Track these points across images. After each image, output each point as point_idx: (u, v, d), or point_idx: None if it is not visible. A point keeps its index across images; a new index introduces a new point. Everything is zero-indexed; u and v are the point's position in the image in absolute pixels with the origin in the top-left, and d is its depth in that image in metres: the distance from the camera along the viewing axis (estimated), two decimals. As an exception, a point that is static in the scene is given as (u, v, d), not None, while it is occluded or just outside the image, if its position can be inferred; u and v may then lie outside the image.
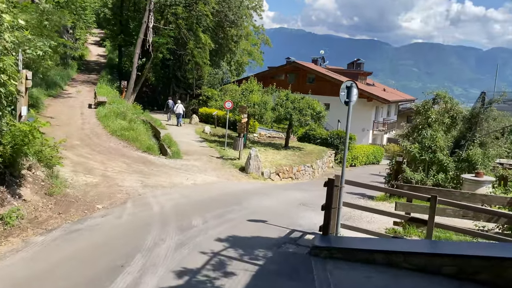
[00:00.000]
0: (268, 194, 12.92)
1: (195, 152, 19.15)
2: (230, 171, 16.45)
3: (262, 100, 21.32)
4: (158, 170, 14.59)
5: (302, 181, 18.78)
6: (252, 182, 15.66)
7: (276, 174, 17.22)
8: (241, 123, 17.91)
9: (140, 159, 15.81)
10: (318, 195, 14.46)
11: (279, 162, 18.61)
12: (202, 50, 31.61)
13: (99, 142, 17.13)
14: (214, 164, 17.14)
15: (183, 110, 27.70)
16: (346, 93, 8.10)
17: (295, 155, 21.40)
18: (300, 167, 18.86)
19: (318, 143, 26.68)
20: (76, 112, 22.25)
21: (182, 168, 15.71)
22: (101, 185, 11.44)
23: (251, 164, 16.36)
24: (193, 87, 33.01)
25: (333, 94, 35.12)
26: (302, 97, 23.28)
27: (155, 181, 13.02)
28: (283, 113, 22.30)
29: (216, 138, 24.04)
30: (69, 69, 33.82)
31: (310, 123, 22.34)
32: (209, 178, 14.77)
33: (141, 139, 17.78)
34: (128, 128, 18.72)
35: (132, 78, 28.40)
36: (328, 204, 7.95)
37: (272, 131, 29.38)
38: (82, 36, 42.35)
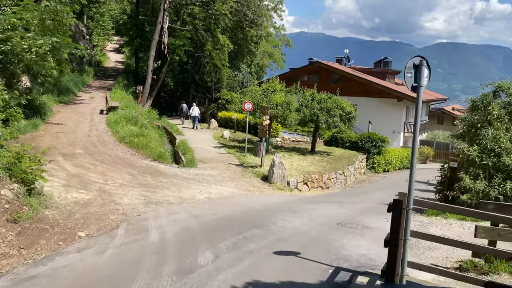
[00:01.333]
0: (297, 211, 10.40)
1: (212, 159, 16.82)
2: (251, 181, 14.01)
3: (286, 100, 18.84)
4: (168, 182, 12.28)
5: (334, 190, 16.15)
6: (277, 194, 13.17)
7: (304, 183, 14.68)
8: (263, 126, 15.47)
9: (148, 169, 13.56)
10: (358, 210, 11.85)
11: (307, 170, 16.05)
12: (221, 52, 29.41)
13: (104, 151, 15.00)
14: (233, 173, 14.74)
15: (199, 112, 25.96)
16: (413, 74, 5.53)
17: (323, 161, 18.79)
18: (330, 175, 16.26)
19: (347, 147, 23.98)
20: (85, 119, 20.31)
21: (196, 178, 13.37)
22: (93, 203, 9.19)
23: (275, 172, 13.88)
24: (212, 90, 30.81)
25: (361, 95, 32.38)
26: (330, 96, 20.69)
27: (162, 196, 10.70)
28: (309, 114, 19.76)
29: (236, 143, 21.68)
30: (85, 76, 32.24)
31: (339, 124, 19.72)
32: (226, 190, 12.37)
33: (151, 146, 15.57)
34: (137, 134, 16.56)
35: (147, 82, 26.40)
36: (395, 236, 5.38)
37: (296, 135, 26.83)
38: (100, 42, 40.99)
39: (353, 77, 33.49)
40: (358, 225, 9.51)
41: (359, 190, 17.19)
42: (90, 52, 37.17)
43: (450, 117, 44.29)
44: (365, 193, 15.97)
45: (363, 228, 9.27)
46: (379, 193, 16.29)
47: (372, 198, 14.77)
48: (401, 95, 32.65)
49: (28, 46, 15.23)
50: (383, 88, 33.05)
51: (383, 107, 32.49)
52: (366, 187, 18.40)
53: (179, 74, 36.50)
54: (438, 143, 35.19)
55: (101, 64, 39.71)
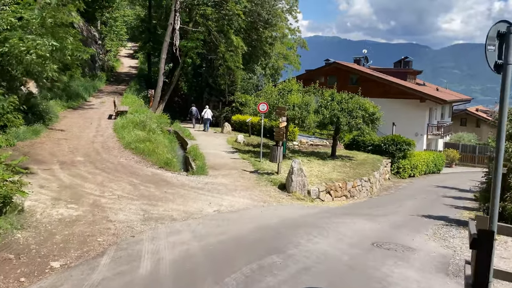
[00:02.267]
0: (322, 227, 8.67)
1: (225, 165, 15.22)
2: (267, 190, 12.33)
3: (303, 101, 17.14)
4: (173, 193, 10.71)
5: (360, 200, 14.32)
6: (296, 205, 11.45)
7: (327, 192, 12.93)
8: (279, 128, 13.80)
9: (153, 177, 12.02)
10: (391, 224, 10.03)
11: (329, 176, 14.29)
12: (234, 54, 27.91)
13: (107, 158, 13.55)
14: (247, 181, 13.09)
15: (211, 115, 24.59)
16: (497, 47, 3.79)
17: (346, 166, 16.98)
18: (355, 182, 14.45)
19: (369, 151, 22.10)
20: (92, 124, 18.98)
21: (205, 188, 11.77)
22: (81, 221, 7.66)
23: (294, 180, 12.17)
24: (226, 93, 29.31)
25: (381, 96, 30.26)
26: (351, 96, 18.91)
27: (164, 210, 9.13)
28: (328, 116, 18.01)
29: (250, 148, 20.05)
30: (97, 81, 31.15)
31: (362, 126, 17.89)
32: (239, 202, 10.73)
33: (158, 152, 14.06)
34: (144, 139, 15.08)
35: (158, 85, 25.05)
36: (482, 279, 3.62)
37: (315, 138, 25.06)
38: (113, 48, 40.06)
39: (372, 77, 31.57)
40: (398, 246, 7.73)
41: (387, 198, 15.33)
42: (103, 57, 36.21)
43: (474, 119, 41.82)
44: (395, 203, 14.11)
45: (404, 250, 7.50)
46: (409, 202, 14.42)
47: (404, 209, 12.92)
48: (424, 96, 30.60)
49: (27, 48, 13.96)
50: (404, 88, 31.02)
51: (404, 108, 30.43)
52: (393, 195, 16.51)
53: (192, 78, 35.21)
54: (464, 146, 32.87)
55: (115, 69, 38.73)
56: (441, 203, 14.87)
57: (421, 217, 11.55)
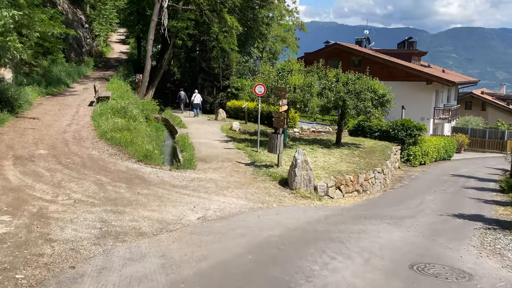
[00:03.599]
0: (340, 241, 6.40)
1: (217, 157, 12.90)
2: (265, 187, 10.03)
3: (306, 82, 14.74)
4: (149, 194, 8.41)
5: (374, 194, 12.02)
6: (302, 206, 9.16)
7: (336, 188, 10.62)
8: (279, 113, 11.42)
9: (127, 174, 9.70)
10: (422, 230, 7.69)
11: (337, 168, 11.97)
12: (229, 35, 25.32)
13: (76, 150, 11.20)
14: (242, 176, 10.78)
15: (201, 100, 22.94)
16: None
17: (354, 155, 14.68)
18: (368, 174, 12.14)
19: (376, 137, 19.76)
20: (69, 112, 16.58)
21: (191, 186, 9.46)
22: (6, 243, 5.37)
23: (298, 175, 9.87)
24: (220, 78, 26.79)
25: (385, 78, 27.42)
26: (358, 77, 16.50)
27: (132, 219, 6.84)
28: (333, 99, 15.62)
29: (247, 136, 17.71)
30: (83, 66, 28.60)
31: (371, 110, 15.54)
32: (232, 204, 8.44)
33: (137, 143, 11.70)
34: (122, 128, 12.72)
35: (146, 69, 22.54)
36: None
37: (316, 125, 22.71)
38: (103, 33, 37.30)
39: (376, 59, 29.04)
40: (446, 269, 5.49)
41: (402, 192, 13.06)
42: (91, 42, 33.56)
43: (479, 102, 39.44)
44: (414, 197, 11.85)
45: (458, 277, 5.24)
46: (430, 197, 12.15)
47: (428, 205, 10.66)
48: (431, 77, 28.15)
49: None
50: (410, 70, 28.55)
51: (409, 91, 27.96)
52: (409, 187, 14.24)
53: (185, 63, 32.68)
54: (473, 130, 30.54)
55: (104, 55, 36.10)
56: (465, 196, 12.63)
57: (452, 217, 9.30)
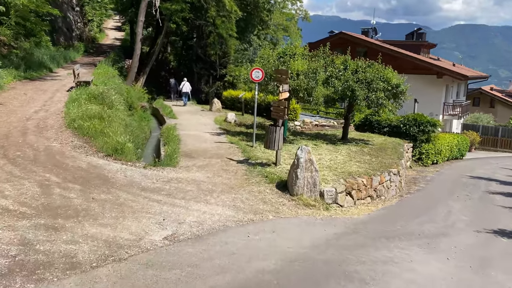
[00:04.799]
0: (361, 279, 4.37)
1: (205, 152, 10.84)
2: (260, 192, 7.97)
3: (310, 68, 12.63)
4: (106, 200, 6.35)
5: (390, 201, 9.93)
6: (305, 217, 7.10)
7: (347, 193, 8.56)
8: (279, 101, 9.31)
9: (87, 172, 7.63)
10: (470, 259, 5.55)
11: (347, 169, 9.89)
12: (227, 20, 23.14)
13: (33, 141, 9.13)
14: (232, 176, 8.72)
15: (190, 88, 21.22)
16: None
17: (363, 153, 12.60)
18: (383, 177, 10.06)
19: (385, 133, 17.68)
20: (42, 97, 14.47)
21: (166, 189, 7.40)
22: None
23: (300, 177, 7.80)
24: (217, 66, 24.58)
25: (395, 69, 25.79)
26: (369, 64, 14.42)
27: (68, 240, 4.79)
28: (341, 88, 13.53)
29: (243, 129, 15.64)
30: (71, 51, 26.43)
31: (384, 102, 13.45)
32: (214, 215, 6.40)
33: (108, 133, 9.61)
34: (94, 115, 10.62)
35: (135, 54, 20.37)
36: None
37: (319, 118, 20.60)
38: (96, 18, 35.02)
39: (384, 49, 26.76)
40: None
41: (422, 198, 11.00)
42: (81, 26, 31.33)
43: (487, 98, 37.24)
44: (437, 205, 9.82)
45: None
46: (456, 204, 10.12)
47: (458, 217, 8.63)
48: (442, 71, 25.96)
49: None
50: (420, 62, 26.36)
51: (418, 85, 25.61)
52: (426, 191, 12.17)
53: (182, 51, 30.44)
54: (485, 128, 28.40)
55: (97, 40, 33.87)
56: (494, 204, 10.61)
57: (493, 235, 7.29)
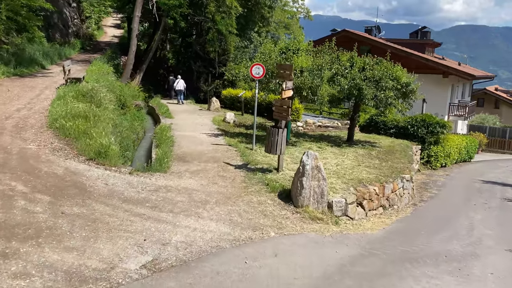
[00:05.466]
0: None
1: (200, 155, 9.80)
2: (260, 202, 6.92)
3: (315, 64, 11.58)
4: (79, 215, 5.31)
5: (404, 211, 8.86)
6: (312, 234, 6.05)
7: (358, 204, 7.51)
8: (282, 99, 8.25)
9: (61, 180, 6.58)
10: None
11: (355, 175, 8.84)
12: (227, 15, 22.07)
13: (7, 143, 8.09)
14: (229, 184, 7.67)
15: (184, 86, 20.54)
16: None
17: (371, 157, 11.56)
18: (396, 184, 9.01)
19: (391, 134, 16.67)
20: (28, 94, 13.42)
21: (152, 199, 6.36)
22: None
23: (306, 186, 6.76)
24: (216, 64, 23.50)
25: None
26: (377, 61, 13.39)
27: (16, 273, 3.73)
28: (347, 87, 12.48)
29: (242, 129, 14.60)
30: (67, 47, 25.38)
31: (393, 101, 12.41)
32: (206, 232, 5.37)
33: (92, 134, 8.55)
34: (78, 114, 9.57)
35: (131, 50, 19.30)
36: None
37: (322, 118, 19.54)
38: (94, 14, 33.94)
39: (388, 48, 25.68)
40: None
41: (437, 207, 9.95)
42: (78, 23, 30.27)
43: (492, 99, 36.15)
44: (456, 216, 8.78)
45: None
46: (475, 215, 9.08)
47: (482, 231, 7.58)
48: (448, 70, 24.91)
49: None
50: (425, 61, 25.29)
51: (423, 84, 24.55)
52: (440, 197, 11.11)
53: (181, 48, 29.36)
54: (492, 129, 27.33)
55: (95, 38, 32.81)
56: (516, 214, 9.57)
57: None
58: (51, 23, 26.42)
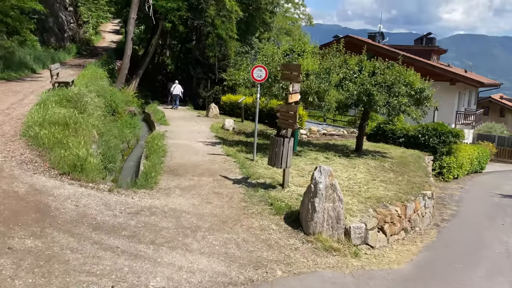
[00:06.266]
0: None
1: (195, 167, 8.56)
2: (262, 228, 5.67)
3: (323, 67, 10.40)
4: (30, 250, 4.04)
5: (429, 236, 7.56)
6: (328, 272, 4.79)
7: (379, 229, 6.25)
8: (289, 105, 7.01)
9: (21, 201, 5.33)
10: None
11: (372, 192, 7.58)
12: (227, 20, 21.01)
13: (-33, 154, 6.85)
14: (225, 204, 6.43)
15: (181, 91, 19.54)
16: None
17: (385, 169, 10.32)
18: (418, 203, 7.75)
19: (401, 144, 15.46)
20: (10, 99, 12.20)
21: (131, 226, 5.09)
22: None
23: (319, 209, 5.51)
24: (215, 69, 22.35)
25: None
26: (388, 65, 12.24)
27: None
28: (356, 92, 11.31)
29: (242, 137, 13.37)
30: (62, 52, 24.26)
31: (407, 109, 11.21)
32: (195, 272, 4.10)
33: (68, 144, 7.30)
34: (56, 121, 8.33)
35: (126, 54, 18.17)
36: None
37: (327, 126, 18.32)
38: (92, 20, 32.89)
39: (392, 54, 24.57)
40: None
41: (461, 227, 8.68)
42: (75, 27, 29.21)
43: (497, 107, 34.99)
44: (489, 241, 7.54)
45: None
46: (509, 238, 7.81)
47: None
48: (456, 77, 23.74)
49: None
50: (432, 68, 24.04)
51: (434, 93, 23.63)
52: (461, 216, 9.84)
53: (180, 54, 28.29)
54: (502, 138, 26.12)
55: (92, 43, 31.74)
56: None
57: None
58: (46, 27, 25.34)
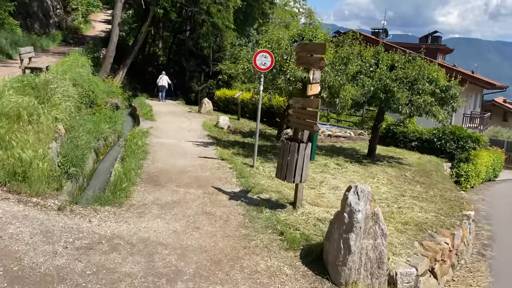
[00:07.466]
0: None
1: (181, 174, 6.74)
2: (271, 274, 3.88)
3: (339, 56, 8.63)
4: None
5: (481, 273, 5.78)
6: None
7: (430, 271, 4.51)
8: (307, 99, 5.18)
9: None
10: None
11: (407, 214, 5.84)
12: (224, 8, 19.12)
13: None
14: (219, 230, 4.62)
15: (168, 82, 18.11)
16: None
17: (408, 180, 8.59)
18: (464, 229, 6.02)
19: (413, 148, 13.83)
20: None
21: (75, 274, 3.25)
22: None
23: (355, 249, 3.73)
24: (210, 61, 20.44)
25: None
26: (410, 58, 10.54)
27: None
28: (374, 89, 9.58)
29: (238, 137, 11.57)
30: (44, 39, 22.21)
31: (432, 109, 9.52)
32: None
33: (11, 143, 5.43)
34: (5, 113, 6.42)
35: (112, 41, 16.21)
36: None
37: (331, 127, 16.54)
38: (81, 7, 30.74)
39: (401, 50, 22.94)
40: None
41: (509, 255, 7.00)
42: (61, 13, 27.10)
43: (500, 111, 33.57)
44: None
45: None
46: None
47: None
48: (465, 78, 22.12)
49: None
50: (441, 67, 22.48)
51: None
52: (501, 239, 8.17)
53: (173, 45, 26.36)
54: (510, 143, 24.64)
55: (80, 31, 29.59)
56: None
57: None
58: (29, 12, 23.29)
